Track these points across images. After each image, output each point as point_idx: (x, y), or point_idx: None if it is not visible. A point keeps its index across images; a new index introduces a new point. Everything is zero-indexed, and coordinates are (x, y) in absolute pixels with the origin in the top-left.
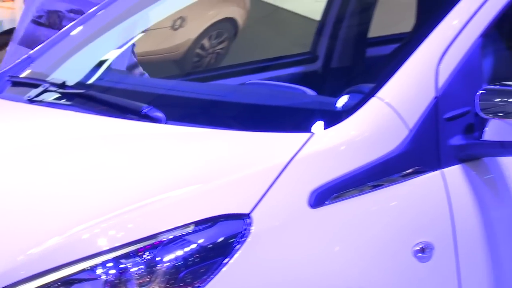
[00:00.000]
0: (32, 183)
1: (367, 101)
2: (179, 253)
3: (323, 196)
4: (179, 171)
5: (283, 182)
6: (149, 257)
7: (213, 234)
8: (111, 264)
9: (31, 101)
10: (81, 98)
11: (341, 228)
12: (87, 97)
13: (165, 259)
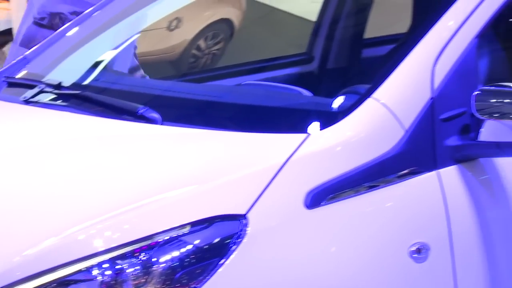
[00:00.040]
0: (28, 184)
1: (363, 102)
2: (175, 254)
3: (319, 196)
4: (175, 172)
5: (279, 183)
6: (145, 258)
7: (209, 235)
8: (107, 265)
9: (27, 102)
10: (77, 99)
11: (337, 228)
12: (83, 98)
13: (161, 260)
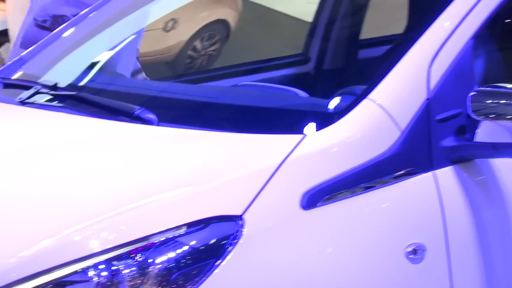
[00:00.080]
0: (23, 185)
1: (359, 102)
2: (171, 255)
3: (315, 197)
4: (171, 173)
5: (275, 183)
6: (141, 259)
7: (205, 236)
8: (103, 266)
9: (23, 103)
10: (73, 100)
11: (333, 229)
12: (79, 99)
13: (157, 261)
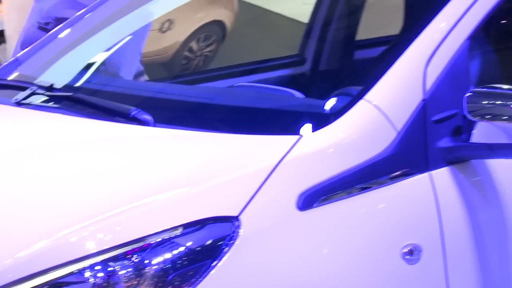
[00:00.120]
0: (19, 186)
1: (355, 103)
2: (168, 256)
3: (312, 198)
4: (167, 174)
5: (271, 184)
6: (137, 260)
7: (202, 236)
8: (99, 267)
9: (19, 104)
10: (69, 100)
11: (329, 230)
12: (75, 100)
13: (154, 262)
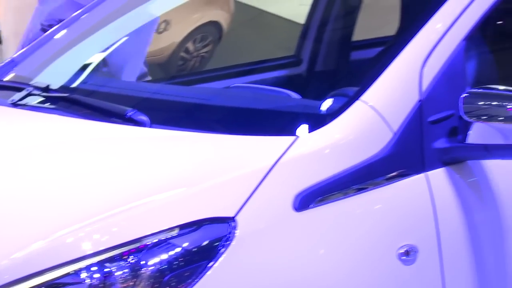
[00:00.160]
0: (15, 187)
1: (352, 104)
2: (164, 256)
3: (308, 199)
4: (164, 174)
5: (267, 185)
6: (133, 260)
7: (198, 237)
8: (96, 268)
9: (15, 105)
10: (65, 101)
11: (325, 231)
12: (71, 101)
13: (150, 262)
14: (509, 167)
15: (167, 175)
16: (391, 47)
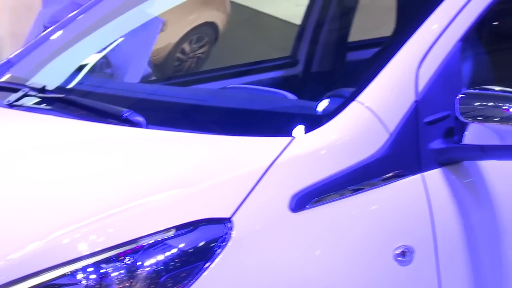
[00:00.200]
0: (11, 188)
1: (348, 105)
2: (160, 257)
3: (304, 200)
4: (160, 175)
5: (264, 186)
6: (129, 261)
7: (194, 238)
8: (92, 269)
9: (11, 106)
10: (61, 102)
11: (322, 232)
12: (67, 102)
13: (146, 263)
14: (505, 168)
15: (163, 176)
16: (387, 48)
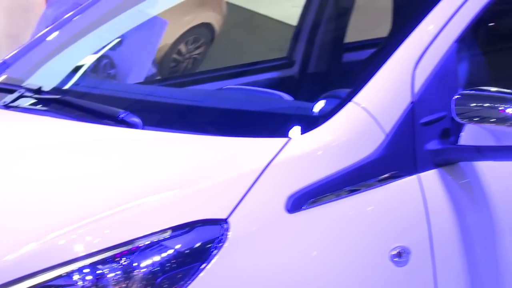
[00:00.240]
0: (7, 189)
1: (344, 106)
2: (156, 258)
3: (300, 201)
4: (156, 176)
5: (260, 187)
6: (126, 262)
7: (190, 239)
8: (88, 270)
9: (7, 107)
10: (58, 103)
11: (318, 233)
12: (63, 103)
13: (142, 264)
14: (501, 168)
15: (159, 177)
16: (383, 49)
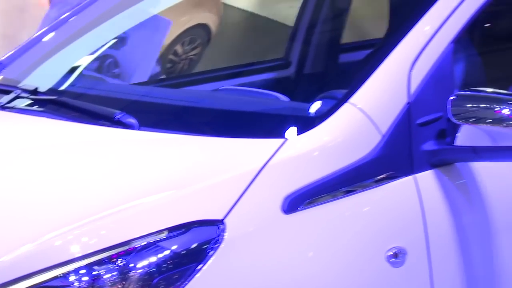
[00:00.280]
0: (3, 190)
1: (340, 106)
2: (153, 259)
3: (297, 201)
4: (152, 177)
5: (256, 188)
6: (122, 263)
7: (187, 240)
8: (84, 271)
9: (3, 108)
10: (54, 104)
11: (314, 233)
12: (59, 103)
13: (139, 265)
14: (497, 169)
15: (156, 177)
16: (379, 50)
